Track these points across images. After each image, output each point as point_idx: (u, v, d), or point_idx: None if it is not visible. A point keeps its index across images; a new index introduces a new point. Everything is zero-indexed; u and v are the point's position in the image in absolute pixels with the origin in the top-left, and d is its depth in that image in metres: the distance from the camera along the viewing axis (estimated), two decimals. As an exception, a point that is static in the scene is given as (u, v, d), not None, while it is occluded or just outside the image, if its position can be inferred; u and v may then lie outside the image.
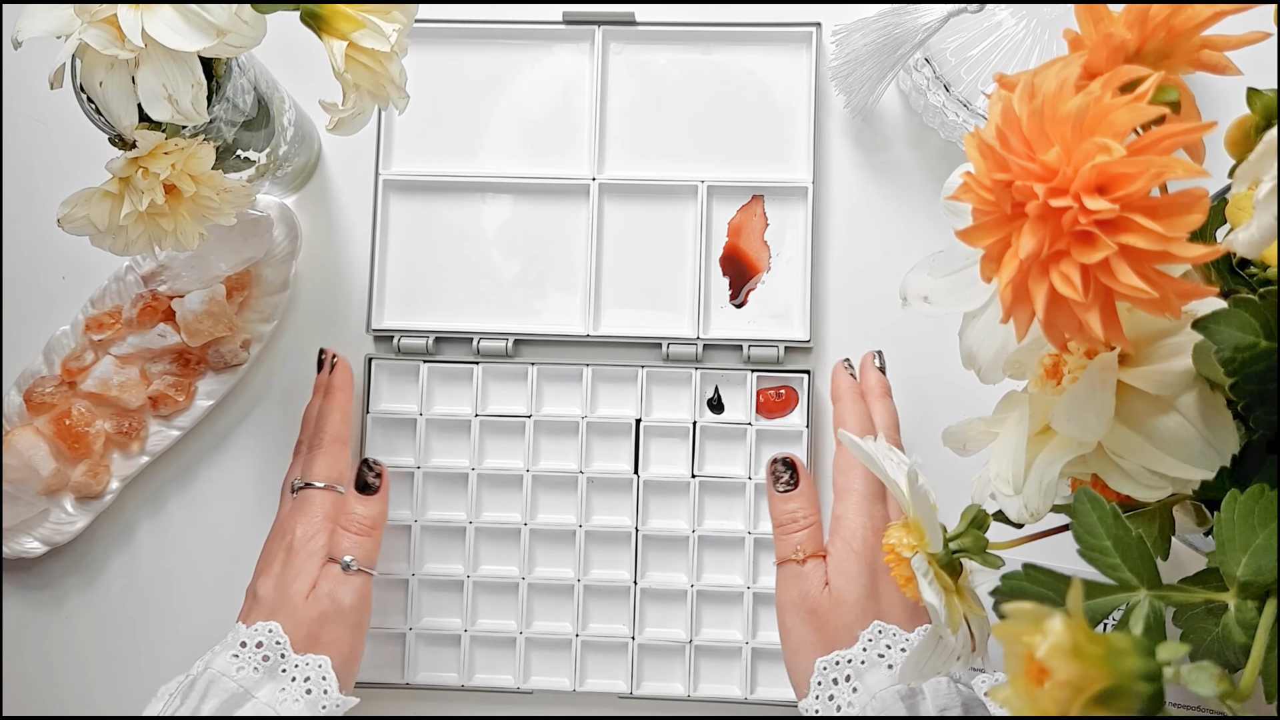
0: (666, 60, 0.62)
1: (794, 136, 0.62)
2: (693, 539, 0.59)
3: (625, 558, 0.60)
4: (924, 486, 0.37)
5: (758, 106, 0.62)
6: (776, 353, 0.60)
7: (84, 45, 0.39)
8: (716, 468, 0.60)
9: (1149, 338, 0.33)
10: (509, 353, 0.61)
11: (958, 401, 0.57)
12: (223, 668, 0.49)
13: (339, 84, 0.45)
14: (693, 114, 0.62)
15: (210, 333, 0.59)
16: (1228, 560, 0.31)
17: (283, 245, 0.61)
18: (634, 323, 0.61)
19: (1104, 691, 0.27)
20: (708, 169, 0.62)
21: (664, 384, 0.61)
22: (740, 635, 0.59)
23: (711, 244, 0.61)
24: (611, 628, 0.59)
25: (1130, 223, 0.27)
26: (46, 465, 0.58)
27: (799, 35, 0.62)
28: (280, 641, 0.50)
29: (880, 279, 0.61)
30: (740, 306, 0.61)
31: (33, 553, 0.59)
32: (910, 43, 0.54)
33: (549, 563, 0.60)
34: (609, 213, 0.62)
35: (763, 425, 0.60)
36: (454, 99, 0.63)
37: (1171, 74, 0.33)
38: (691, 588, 0.59)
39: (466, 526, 0.60)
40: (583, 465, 0.60)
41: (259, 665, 0.50)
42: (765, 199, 0.61)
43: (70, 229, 0.45)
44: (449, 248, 0.62)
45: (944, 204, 0.38)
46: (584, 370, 0.61)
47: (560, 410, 0.61)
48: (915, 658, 0.39)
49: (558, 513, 0.60)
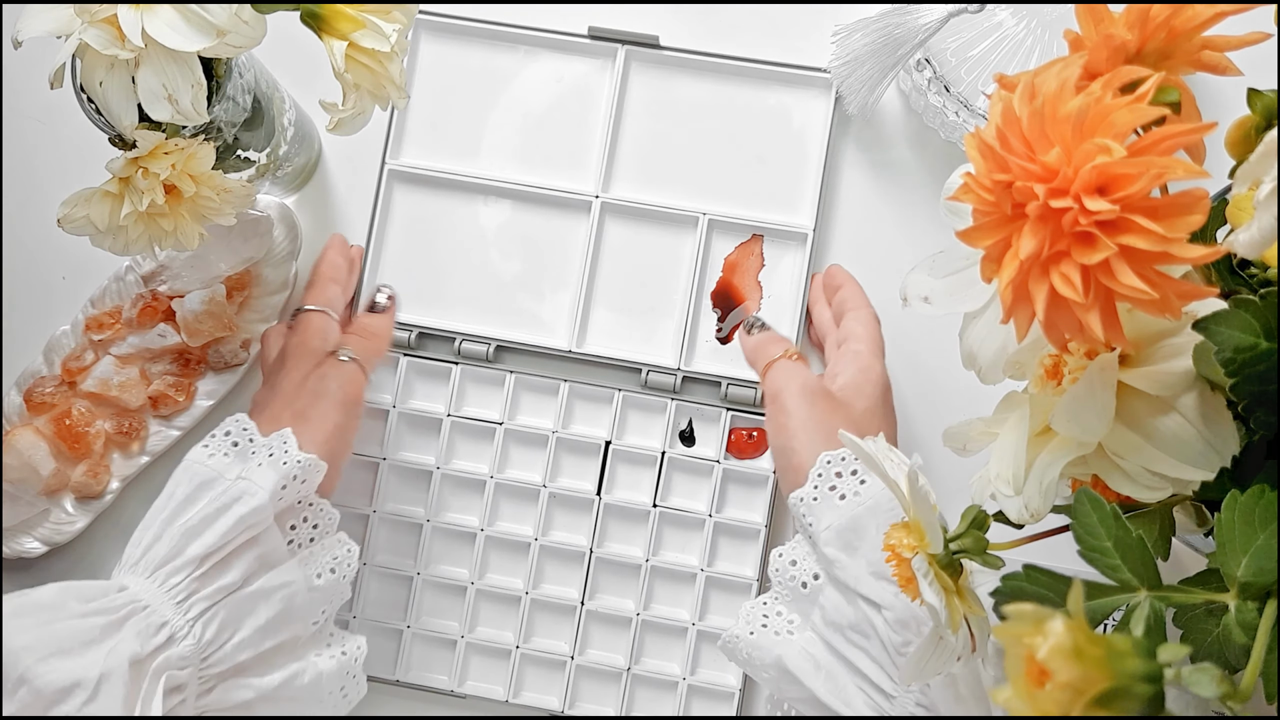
0: (686, 88, 0.62)
1: (802, 180, 0.61)
2: (645, 568, 0.59)
3: (576, 577, 0.60)
4: (924, 487, 0.37)
5: (771, 145, 0.61)
6: (755, 395, 0.60)
7: (84, 45, 0.39)
8: (679, 500, 0.60)
9: (1149, 338, 0.33)
10: (489, 358, 0.61)
11: (958, 402, 0.57)
12: (195, 456, 0.51)
13: (339, 84, 0.45)
14: (704, 144, 0.61)
15: (210, 333, 0.59)
16: (1228, 561, 0.31)
17: (283, 245, 0.61)
18: (617, 344, 0.61)
19: (1105, 693, 0.27)
20: (711, 201, 0.61)
21: (639, 410, 0.60)
22: (679, 670, 0.58)
23: (706, 277, 0.61)
24: (553, 644, 0.59)
25: (1131, 224, 0.27)
26: (46, 465, 0.58)
27: (821, 81, 0.61)
28: (247, 428, 0.51)
29: (878, 280, 0.61)
30: (725, 343, 0.61)
31: (33, 553, 0.59)
32: (910, 43, 0.54)
33: (501, 570, 0.60)
34: (608, 231, 0.61)
35: (731, 465, 0.59)
36: (470, 97, 0.62)
37: (1172, 75, 0.33)
38: (638, 616, 0.59)
39: (423, 524, 0.60)
40: (547, 479, 0.60)
41: (228, 451, 0.51)
42: (765, 239, 0.61)
43: (70, 229, 0.45)
44: (445, 245, 0.62)
45: (944, 204, 0.38)
46: (561, 385, 0.60)
47: (533, 422, 0.61)
48: (916, 658, 0.39)
49: (516, 523, 0.60)
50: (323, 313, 0.57)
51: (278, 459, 0.50)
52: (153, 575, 0.47)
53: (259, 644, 0.48)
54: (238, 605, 0.47)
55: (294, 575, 0.49)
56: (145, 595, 0.46)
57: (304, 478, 0.50)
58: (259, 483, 0.48)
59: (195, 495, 0.49)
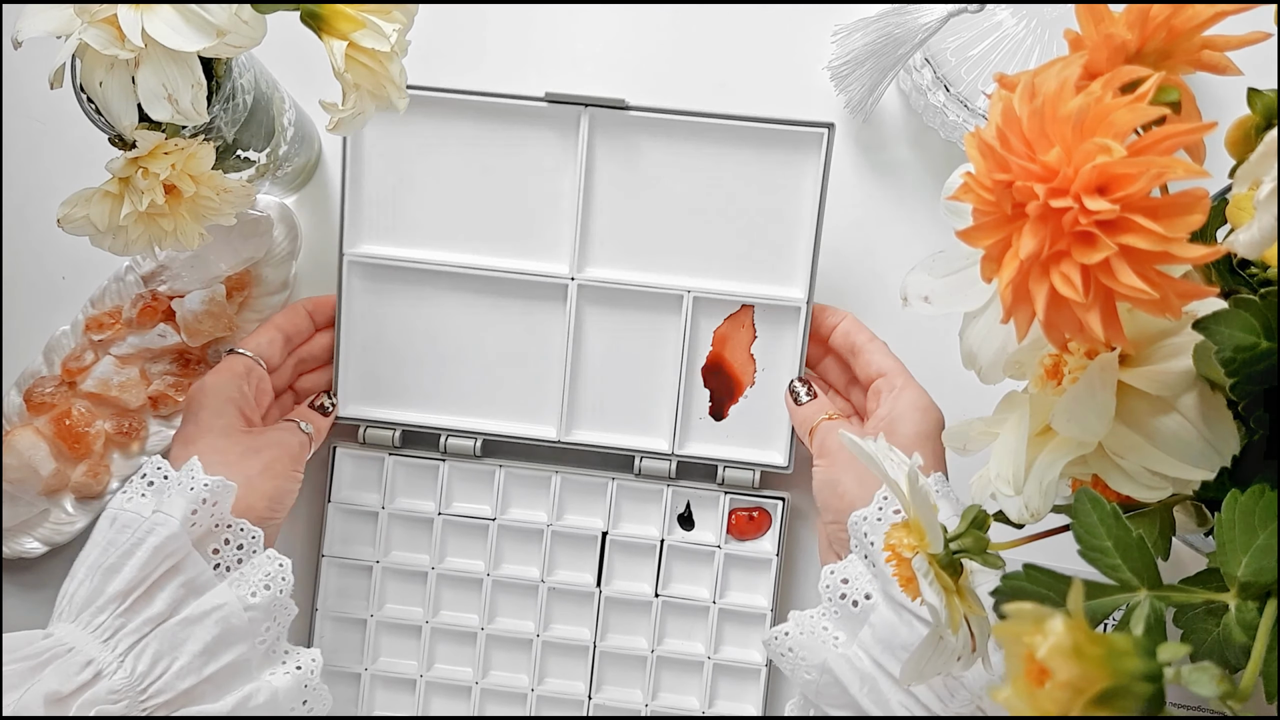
0: (659, 152, 0.56)
1: (794, 247, 0.56)
2: (651, 659, 0.58)
3: (582, 670, 0.59)
4: (924, 486, 0.37)
5: (756, 210, 0.56)
6: (753, 477, 0.58)
7: (84, 45, 0.39)
8: (681, 587, 0.59)
9: (1149, 338, 0.33)
10: (477, 453, 0.59)
11: (958, 401, 0.57)
12: (115, 503, 0.51)
13: (339, 84, 0.45)
14: (683, 213, 0.57)
15: (210, 333, 0.59)
16: (1228, 561, 0.31)
17: (283, 245, 0.61)
18: (607, 432, 0.59)
19: (1105, 692, 0.27)
20: (695, 276, 0.57)
21: (634, 498, 0.59)
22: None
23: (695, 355, 0.58)
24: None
25: (1131, 223, 0.27)
26: (46, 465, 0.58)
27: (808, 137, 0.55)
28: (160, 467, 0.51)
29: (879, 280, 0.61)
30: (720, 420, 0.58)
31: (33, 553, 0.59)
32: (910, 43, 0.54)
33: (504, 668, 0.59)
34: (588, 314, 0.58)
35: (732, 548, 0.58)
36: (427, 176, 0.58)
37: (1172, 74, 0.33)
38: (646, 707, 0.58)
39: (423, 625, 0.59)
40: (545, 574, 0.59)
41: (145, 491, 0.51)
42: (755, 310, 0.57)
43: (70, 229, 0.45)
44: (416, 338, 0.59)
45: (944, 204, 0.38)
46: (553, 477, 0.59)
47: (526, 515, 0.59)
48: (916, 658, 0.39)
49: (516, 618, 0.59)
50: (250, 359, 0.56)
51: (185, 486, 0.50)
52: (77, 619, 0.47)
53: (201, 669, 0.48)
54: (170, 634, 0.47)
55: (225, 597, 0.49)
56: (69, 638, 0.46)
57: (214, 499, 0.50)
58: (169, 512, 0.49)
59: (114, 538, 0.49)
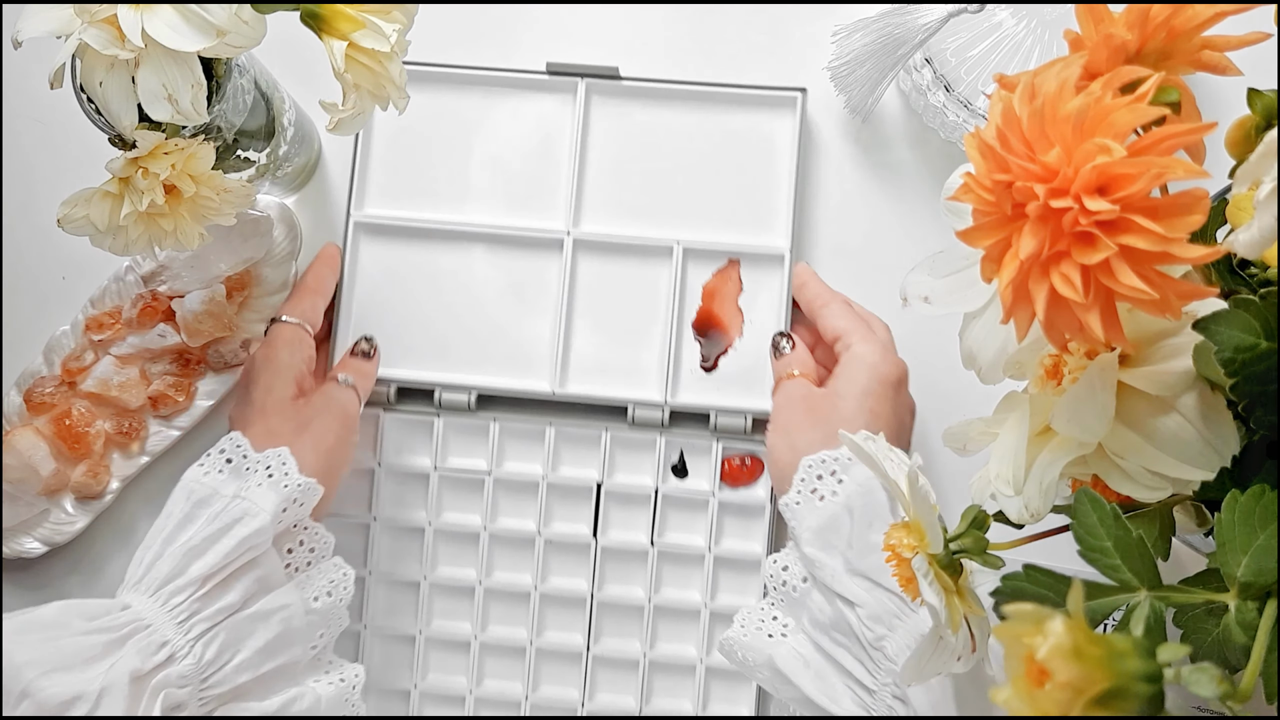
0: (649, 117, 0.61)
1: (775, 201, 0.60)
2: (648, 608, 0.59)
3: (580, 622, 0.59)
4: (924, 487, 0.37)
5: (740, 168, 0.60)
6: (744, 423, 0.59)
7: (84, 45, 0.39)
8: (676, 536, 0.59)
9: (1149, 338, 0.33)
10: (471, 407, 0.60)
11: (958, 401, 0.57)
12: (191, 475, 0.51)
13: (339, 84, 0.45)
14: (673, 173, 0.61)
15: (210, 333, 0.59)
16: (1228, 561, 0.31)
17: (283, 245, 0.61)
18: (601, 383, 0.60)
19: (1105, 693, 0.27)
20: (685, 229, 0.60)
21: (628, 448, 0.60)
22: (691, 707, 0.58)
23: (685, 307, 0.60)
24: (562, 691, 0.59)
25: (1131, 223, 0.27)
26: (46, 465, 0.58)
27: (784, 100, 0.60)
28: (240, 445, 0.52)
29: (878, 280, 0.61)
30: (710, 371, 0.60)
31: (33, 553, 0.59)
32: (910, 43, 0.54)
33: (502, 621, 0.60)
34: (582, 268, 0.60)
35: (726, 495, 0.59)
36: (432, 143, 0.61)
37: (1172, 75, 0.33)
38: (645, 656, 0.58)
39: (421, 582, 0.59)
40: (541, 526, 0.59)
41: (223, 468, 0.51)
42: (742, 263, 0.60)
43: (70, 229, 0.45)
44: (416, 295, 0.61)
45: (944, 204, 0.38)
46: (547, 429, 0.59)
47: (521, 468, 0.60)
48: (915, 658, 0.39)
49: (513, 572, 0.60)
50: (297, 325, 0.57)
51: (278, 480, 0.50)
52: (155, 594, 0.47)
53: (258, 666, 0.48)
54: (237, 627, 0.48)
55: (292, 598, 0.50)
56: (148, 614, 0.46)
57: (303, 501, 0.50)
58: (260, 504, 0.49)
59: (193, 514, 0.49)
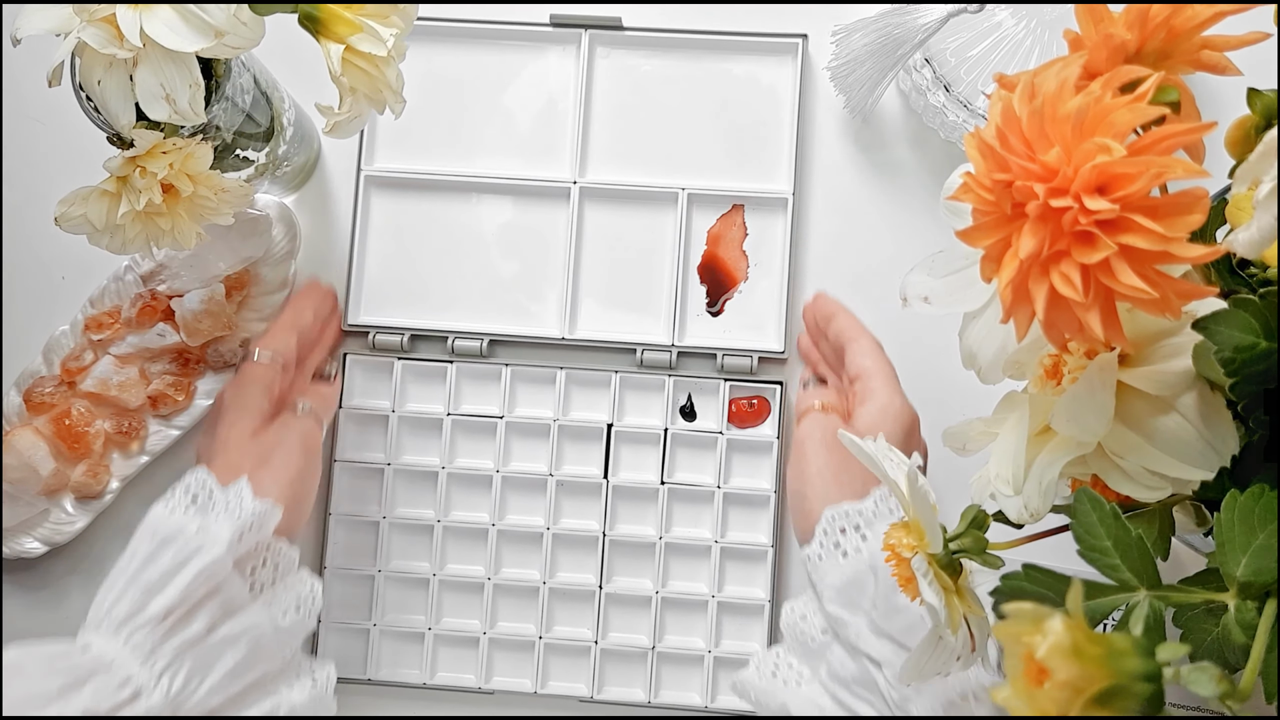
0: (652, 66, 0.63)
1: (777, 147, 0.62)
2: (659, 545, 0.60)
3: (592, 562, 0.60)
4: (924, 486, 0.37)
5: (742, 115, 0.62)
6: (750, 362, 0.60)
7: (82, 44, 0.39)
8: (686, 475, 0.60)
9: (1149, 338, 0.33)
10: (483, 353, 0.61)
11: (958, 401, 0.57)
12: (156, 513, 0.51)
13: (335, 87, 0.45)
14: (677, 120, 0.62)
15: (210, 332, 0.59)
16: (1228, 561, 0.31)
17: (282, 244, 0.61)
18: (610, 327, 0.61)
19: (1104, 692, 0.27)
20: (689, 176, 0.62)
21: (637, 390, 0.61)
22: (703, 644, 0.59)
23: (690, 252, 0.61)
24: (575, 631, 0.60)
25: (1130, 223, 0.27)
26: (46, 465, 0.58)
27: (786, 46, 0.62)
28: (205, 481, 0.51)
29: (879, 280, 0.61)
30: (716, 315, 0.61)
31: (33, 553, 0.59)
32: (910, 43, 0.54)
33: (515, 564, 0.60)
34: (589, 216, 0.62)
35: (734, 435, 0.60)
36: (439, 97, 0.63)
37: (1171, 74, 0.33)
38: (657, 594, 0.59)
39: (434, 525, 0.60)
40: (553, 468, 0.60)
41: (188, 506, 0.51)
42: (745, 208, 0.61)
43: (67, 227, 0.45)
44: (428, 246, 0.62)
45: (944, 204, 0.38)
46: (558, 373, 0.61)
47: (533, 412, 0.61)
48: (915, 658, 0.39)
49: (526, 514, 0.61)
50: (269, 366, 0.56)
51: (233, 510, 0.50)
52: (117, 633, 0.47)
53: (228, 688, 0.48)
54: (204, 654, 0.47)
55: (259, 618, 0.49)
56: (109, 653, 0.46)
57: (260, 525, 0.50)
58: (216, 535, 0.49)
59: (157, 553, 0.49)
